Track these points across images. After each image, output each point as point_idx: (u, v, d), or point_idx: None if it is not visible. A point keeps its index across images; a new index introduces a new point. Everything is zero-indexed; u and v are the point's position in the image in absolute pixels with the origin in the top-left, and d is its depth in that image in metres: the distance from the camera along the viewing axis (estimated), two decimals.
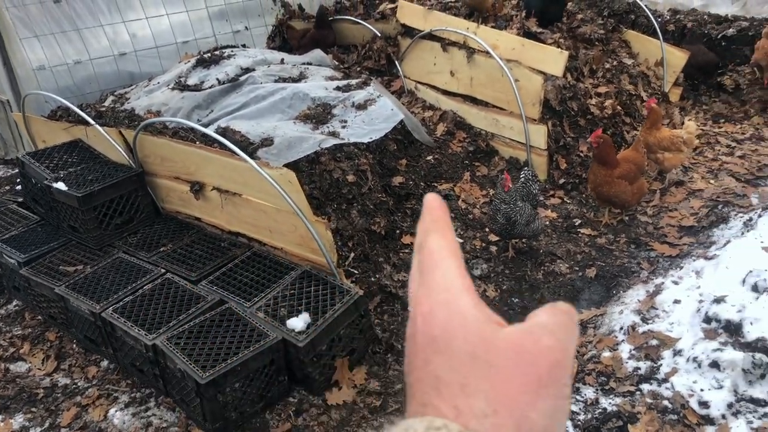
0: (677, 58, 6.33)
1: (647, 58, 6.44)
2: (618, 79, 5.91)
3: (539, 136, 5.08)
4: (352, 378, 3.44)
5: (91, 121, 4.40)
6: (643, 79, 6.21)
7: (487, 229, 4.69)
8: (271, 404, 3.33)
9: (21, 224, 4.58)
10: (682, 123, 5.36)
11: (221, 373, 3.05)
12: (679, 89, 6.55)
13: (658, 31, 6.32)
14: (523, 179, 4.31)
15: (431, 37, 5.74)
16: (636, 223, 4.68)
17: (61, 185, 4.13)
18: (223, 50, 5.85)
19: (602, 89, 5.62)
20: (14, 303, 4.42)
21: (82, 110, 4.83)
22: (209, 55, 5.69)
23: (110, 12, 6.16)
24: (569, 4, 6.36)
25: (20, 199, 4.97)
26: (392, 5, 6.35)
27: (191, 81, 5.30)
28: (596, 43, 6.01)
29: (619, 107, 5.54)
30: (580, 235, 4.55)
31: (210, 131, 3.69)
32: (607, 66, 5.95)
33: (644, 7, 6.59)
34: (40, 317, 4.20)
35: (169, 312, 3.50)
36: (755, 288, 3.34)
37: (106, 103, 5.42)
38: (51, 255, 4.19)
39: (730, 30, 6.96)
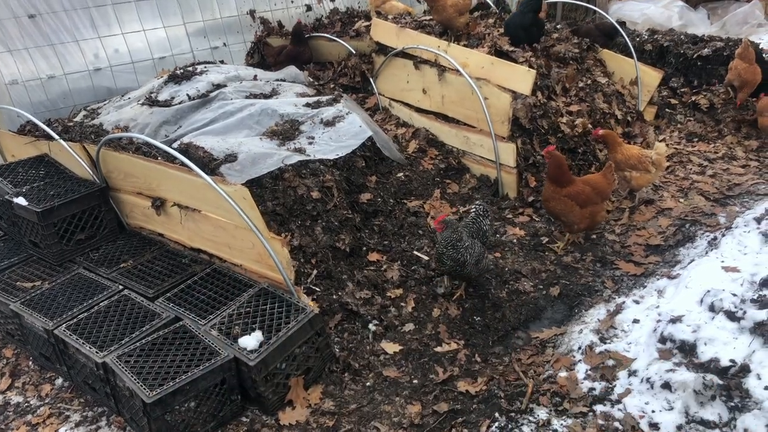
0: (651, 77, 6.37)
1: (622, 77, 6.47)
2: (591, 98, 5.93)
3: (508, 153, 5.08)
4: (307, 397, 3.39)
5: (55, 136, 4.38)
6: (617, 98, 6.23)
7: None
8: (223, 424, 3.28)
9: None
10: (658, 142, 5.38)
11: (169, 391, 3.01)
12: (654, 108, 6.59)
13: (632, 50, 6.36)
14: (473, 214, 4.11)
15: (404, 54, 5.76)
16: (603, 242, 4.67)
17: (21, 200, 4.10)
18: (197, 66, 5.86)
19: (574, 108, 5.63)
20: None
21: (50, 125, 4.83)
22: (182, 71, 5.69)
23: (86, 28, 6.15)
24: (549, 25, 6.40)
25: None
26: (367, 23, 6.38)
27: (162, 96, 5.30)
28: (570, 62, 6.03)
29: (590, 126, 5.54)
30: (546, 253, 4.53)
31: (167, 147, 3.67)
32: (581, 85, 5.97)
33: (617, 25, 6.63)
34: None
35: (123, 329, 3.47)
36: (711, 308, 3.33)
37: (77, 118, 5.41)
38: (10, 270, 4.16)
39: (706, 50, 7.02)
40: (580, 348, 3.51)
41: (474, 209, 4.13)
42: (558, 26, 6.66)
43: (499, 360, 3.61)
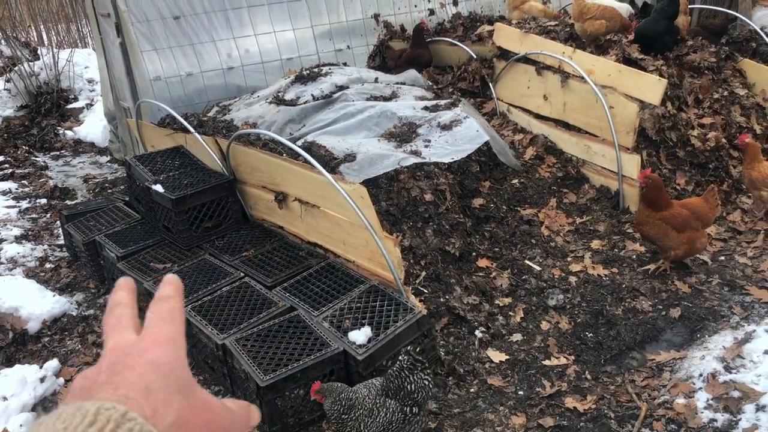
0: None
1: (764, 89, 6.00)
2: (727, 110, 5.55)
3: (632, 165, 4.87)
4: None
5: (191, 129, 4.71)
6: (757, 111, 5.79)
7: (568, 258, 4.55)
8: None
9: (124, 221, 4.96)
10: None
11: (281, 377, 3.15)
12: None
13: None
14: (396, 367, 2.92)
15: (526, 60, 5.68)
16: (733, 264, 4.36)
17: (158, 187, 4.44)
18: (321, 68, 6.07)
19: (707, 120, 5.30)
20: None
21: (186, 119, 5.18)
22: (307, 72, 5.93)
23: (223, 29, 6.56)
24: (683, 31, 6.06)
25: (126, 198, 5.38)
26: (490, 28, 6.34)
27: (288, 96, 5.54)
28: (705, 71, 5.68)
29: (724, 140, 5.19)
30: (667, 272, 4.29)
31: (292, 145, 3.84)
32: (716, 96, 5.61)
33: (763, 35, 6.16)
34: None
35: (242, 314, 3.67)
36: None
37: (210, 114, 5.78)
38: (145, 252, 4.51)
39: None
40: (701, 375, 3.30)
41: (399, 360, 2.92)
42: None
43: (610, 379, 3.47)
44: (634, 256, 4.51)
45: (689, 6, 7.15)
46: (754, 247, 4.52)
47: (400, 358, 2.91)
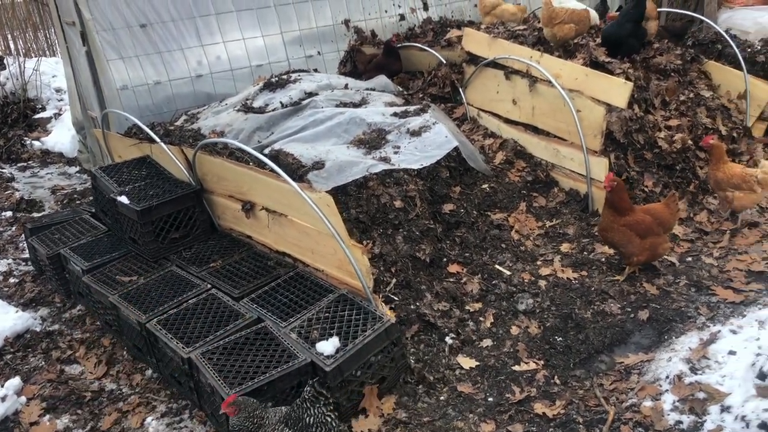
0: (762, 91, 5.96)
1: (729, 91, 6.09)
2: (693, 112, 5.62)
3: (600, 168, 4.89)
4: (380, 406, 3.40)
5: (156, 139, 4.64)
6: (722, 113, 5.87)
7: (538, 262, 4.55)
8: None
9: (90, 234, 4.88)
10: None
11: (247, 391, 3.10)
12: (765, 124, 6.14)
13: (742, 61, 5.97)
14: (300, 398, 2.90)
15: (495, 65, 5.69)
16: (699, 265, 4.40)
17: (124, 199, 4.37)
18: (291, 74, 6.03)
19: (674, 122, 5.35)
20: (78, 307, 4.70)
21: (153, 128, 5.12)
22: (276, 79, 5.88)
23: (191, 36, 6.47)
24: (651, 36, 6.11)
25: (93, 210, 5.29)
26: (459, 33, 6.35)
27: (256, 103, 5.50)
28: (672, 74, 5.74)
29: (690, 141, 5.25)
30: (636, 274, 4.32)
31: (257, 153, 3.81)
32: (683, 98, 5.67)
33: (728, 37, 6.25)
34: (98, 323, 4.43)
35: (208, 327, 3.61)
36: None
37: (178, 122, 5.71)
38: (111, 264, 4.43)
39: None
40: (668, 377, 3.32)
41: (304, 391, 2.90)
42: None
43: (579, 384, 3.48)
44: (603, 259, 4.53)
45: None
46: (720, 248, 4.57)
47: (305, 389, 2.89)
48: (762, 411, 2.84)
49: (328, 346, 3.30)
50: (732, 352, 3.34)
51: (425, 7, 7.64)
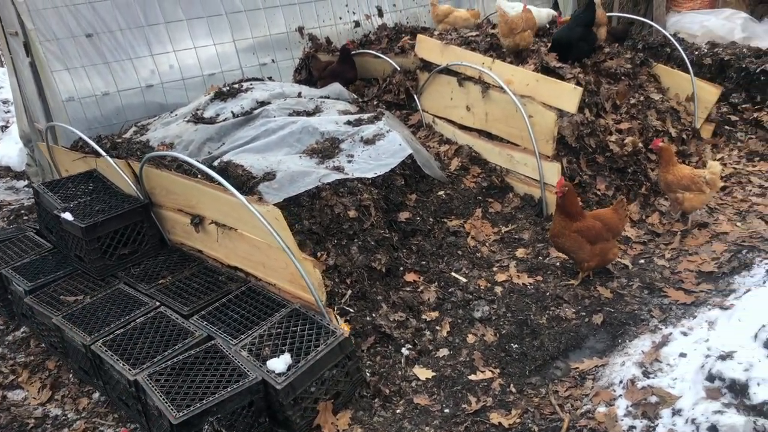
0: (709, 93, 6.09)
1: (677, 93, 6.21)
2: (644, 115, 5.71)
3: (553, 173, 4.92)
4: (335, 423, 3.34)
5: (102, 152, 4.50)
6: (672, 115, 5.98)
7: (494, 268, 4.55)
8: None
9: (34, 252, 4.70)
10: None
11: (196, 413, 3.01)
12: (712, 125, 6.28)
13: (688, 64, 6.10)
14: None
15: (448, 71, 5.69)
16: (652, 267, 4.46)
17: (68, 215, 4.22)
18: (243, 83, 5.93)
19: (624, 125, 5.43)
20: (22, 330, 4.52)
21: (99, 141, 4.97)
22: (228, 88, 5.78)
23: (140, 46, 6.32)
24: (601, 41, 6.18)
25: (38, 227, 5.10)
26: (412, 40, 6.33)
27: (207, 114, 5.38)
28: (622, 77, 5.82)
29: (641, 144, 5.32)
30: (590, 278, 4.35)
31: (203, 166, 3.71)
32: (633, 101, 5.76)
33: (672, 39, 6.38)
34: (43, 345, 4.27)
35: (156, 347, 3.50)
36: (767, 345, 3.10)
37: (127, 135, 5.56)
38: (56, 284, 4.27)
39: None
40: (621, 382, 3.33)
41: (203, 428, 2.94)
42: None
43: (535, 391, 3.47)
44: (558, 263, 4.55)
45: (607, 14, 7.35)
46: (672, 249, 4.63)
47: (204, 427, 2.91)
48: (711, 413, 2.86)
49: (279, 364, 3.23)
50: (683, 355, 3.38)
51: (380, 14, 7.62)
